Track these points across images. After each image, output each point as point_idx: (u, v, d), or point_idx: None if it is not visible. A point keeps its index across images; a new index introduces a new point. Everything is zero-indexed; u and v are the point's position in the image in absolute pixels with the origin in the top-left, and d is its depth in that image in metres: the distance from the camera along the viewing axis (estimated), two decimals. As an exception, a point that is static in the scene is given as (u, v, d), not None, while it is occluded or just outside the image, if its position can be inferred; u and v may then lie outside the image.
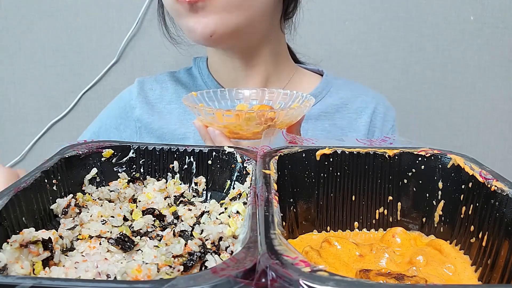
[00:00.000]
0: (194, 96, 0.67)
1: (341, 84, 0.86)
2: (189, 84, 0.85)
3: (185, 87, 0.84)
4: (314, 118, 0.80)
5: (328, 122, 0.81)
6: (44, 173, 0.43)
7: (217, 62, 0.82)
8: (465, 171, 0.44)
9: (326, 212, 0.48)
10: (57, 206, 0.43)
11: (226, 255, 0.37)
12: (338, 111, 0.82)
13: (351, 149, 0.48)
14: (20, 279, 0.26)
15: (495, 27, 1.19)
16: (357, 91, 0.86)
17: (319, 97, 0.83)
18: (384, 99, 0.86)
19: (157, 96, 0.84)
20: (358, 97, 0.85)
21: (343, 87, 0.86)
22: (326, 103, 0.82)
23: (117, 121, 0.83)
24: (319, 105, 0.82)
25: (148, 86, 0.85)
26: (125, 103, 0.84)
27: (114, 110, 0.85)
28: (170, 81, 0.85)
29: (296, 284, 0.24)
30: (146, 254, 0.37)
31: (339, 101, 0.83)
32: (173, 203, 0.47)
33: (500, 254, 0.37)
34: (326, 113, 0.82)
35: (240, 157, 0.49)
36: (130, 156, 0.51)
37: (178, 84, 0.85)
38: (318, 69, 0.90)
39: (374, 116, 0.83)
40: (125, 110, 0.83)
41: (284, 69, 0.83)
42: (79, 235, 0.40)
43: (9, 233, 0.36)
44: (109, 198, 0.47)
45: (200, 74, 0.84)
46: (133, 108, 0.82)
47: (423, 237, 0.47)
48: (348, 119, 0.82)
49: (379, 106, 0.84)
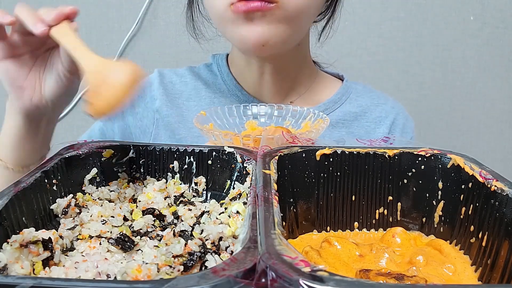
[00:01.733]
0: (204, 116, 0.66)
1: (361, 90, 0.85)
2: (209, 81, 0.83)
3: (205, 83, 0.83)
4: (331, 125, 0.79)
5: (345, 130, 0.80)
6: (44, 173, 0.43)
7: (242, 64, 0.80)
8: (465, 171, 0.44)
9: (326, 212, 0.48)
10: (57, 206, 0.43)
11: (226, 255, 0.37)
12: (356, 119, 0.81)
13: (351, 149, 0.48)
14: (20, 279, 0.26)
15: (495, 27, 1.19)
16: (376, 99, 0.85)
17: (339, 103, 0.81)
18: (403, 110, 0.85)
19: (176, 90, 0.82)
20: (377, 106, 0.83)
21: (362, 94, 0.84)
22: (345, 110, 0.81)
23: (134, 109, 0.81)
24: (338, 112, 0.81)
25: (167, 79, 0.83)
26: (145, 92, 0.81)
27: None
28: (189, 75, 0.84)
29: (296, 284, 0.25)
30: (146, 254, 0.37)
31: (358, 109, 0.82)
32: (173, 203, 0.47)
33: (500, 254, 0.37)
34: (344, 121, 0.80)
35: (240, 157, 0.49)
36: (130, 156, 0.51)
37: (198, 80, 0.83)
38: (338, 74, 0.88)
39: (393, 127, 0.81)
40: (145, 100, 0.81)
41: (308, 73, 0.82)
42: (79, 235, 0.40)
43: (9, 233, 0.36)
44: (109, 198, 0.47)
45: (220, 72, 0.83)
46: (154, 99, 0.80)
47: (423, 237, 0.47)
48: (366, 128, 0.81)
49: (398, 116, 0.83)
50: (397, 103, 0.86)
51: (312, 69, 0.84)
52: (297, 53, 0.77)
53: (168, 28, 1.21)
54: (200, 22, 0.82)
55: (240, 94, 0.79)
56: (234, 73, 0.82)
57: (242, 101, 0.78)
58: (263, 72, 0.77)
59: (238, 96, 0.79)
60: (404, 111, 0.85)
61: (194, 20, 0.82)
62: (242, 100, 0.79)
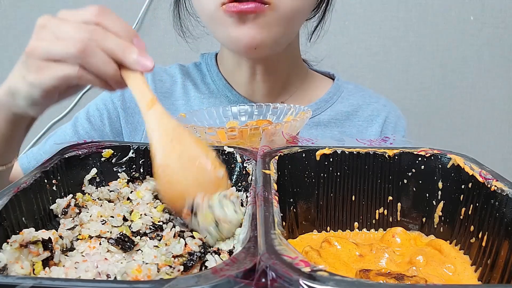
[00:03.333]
0: (183, 117, 0.65)
1: (352, 90, 0.85)
2: (198, 81, 0.82)
3: (194, 82, 0.82)
4: (323, 124, 0.79)
5: (338, 129, 0.80)
6: (44, 173, 0.43)
7: (232, 64, 0.79)
8: (465, 171, 0.44)
9: (326, 212, 0.48)
10: (57, 206, 0.43)
11: (226, 255, 0.37)
12: (348, 119, 0.81)
13: (351, 149, 0.48)
14: (20, 279, 0.26)
15: (495, 27, 1.19)
16: (368, 98, 0.84)
17: (330, 102, 0.81)
18: (396, 108, 0.85)
19: (166, 89, 0.81)
20: (369, 105, 0.83)
21: (354, 93, 0.84)
22: (337, 109, 0.81)
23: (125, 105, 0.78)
24: (330, 111, 0.80)
25: (158, 77, 0.82)
26: None
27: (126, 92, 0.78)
28: (179, 74, 0.83)
29: (296, 284, 0.25)
30: (146, 254, 0.37)
31: (350, 108, 0.82)
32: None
33: (500, 254, 0.37)
34: (336, 120, 0.80)
35: (240, 157, 0.49)
36: (130, 156, 0.51)
37: (187, 78, 0.83)
38: (329, 73, 0.88)
39: (385, 125, 0.81)
40: None
41: (299, 73, 0.82)
42: (79, 235, 0.40)
43: (9, 233, 0.36)
44: (109, 198, 0.47)
45: (209, 71, 0.82)
46: None
47: (423, 237, 0.47)
48: (358, 127, 0.81)
49: (390, 115, 0.82)
50: (389, 101, 0.86)
51: (302, 68, 0.84)
52: (288, 53, 0.77)
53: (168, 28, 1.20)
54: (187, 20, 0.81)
55: (230, 95, 0.78)
56: (224, 73, 0.81)
57: (232, 101, 0.78)
58: (255, 73, 0.76)
59: (228, 97, 0.78)
60: (397, 109, 0.85)
61: (181, 19, 0.81)
62: (232, 100, 0.78)
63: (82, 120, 0.78)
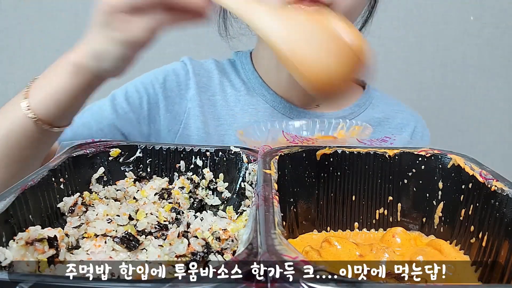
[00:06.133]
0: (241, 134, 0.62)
1: (379, 97, 0.86)
2: (232, 77, 0.81)
3: (229, 79, 0.81)
4: None
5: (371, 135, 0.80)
6: (52, 172, 0.43)
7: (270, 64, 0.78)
8: (465, 171, 0.44)
9: (326, 212, 0.48)
10: (64, 205, 0.43)
11: (230, 255, 0.37)
12: (380, 125, 0.81)
13: (351, 149, 0.48)
14: (25, 276, 0.26)
15: (495, 27, 1.19)
16: (395, 106, 0.85)
17: (363, 108, 0.81)
18: (421, 118, 0.86)
19: (203, 83, 0.80)
20: (398, 113, 0.84)
21: (381, 100, 0.85)
22: (369, 115, 0.81)
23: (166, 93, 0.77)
24: (362, 117, 0.80)
25: (196, 70, 0.80)
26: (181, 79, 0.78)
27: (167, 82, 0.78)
28: (216, 70, 0.82)
29: (297, 284, 0.25)
30: (150, 253, 0.37)
31: (381, 115, 0.82)
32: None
33: (500, 254, 0.37)
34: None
35: (246, 157, 0.49)
36: (137, 155, 0.51)
37: (223, 75, 0.82)
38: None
39: (414, 134, 0.82)
40: (180, 86, 0.78)
41: None
42: (84, 234, 0.40)
43: (16, 231, 0.36)
44: (115, 197, 0.47)
45: (243, 69, 0.81)
46: (188, 87, 0.77)
47: (423, 237, 0.47)
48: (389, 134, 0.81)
49: (418, 125, 0.83)
50: (415, 111, 0.86)
51: None
52: None
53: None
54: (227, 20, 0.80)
55: (267, 94, 0.78)
56: (260, 72, 0.80)
57: (268, 100, 0.77)
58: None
59: (265, 96, 0.78)
60: (422, 120, 0.85)
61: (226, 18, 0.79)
62: (268, 99, 0.77)
63: (120, 99, 0.75)
